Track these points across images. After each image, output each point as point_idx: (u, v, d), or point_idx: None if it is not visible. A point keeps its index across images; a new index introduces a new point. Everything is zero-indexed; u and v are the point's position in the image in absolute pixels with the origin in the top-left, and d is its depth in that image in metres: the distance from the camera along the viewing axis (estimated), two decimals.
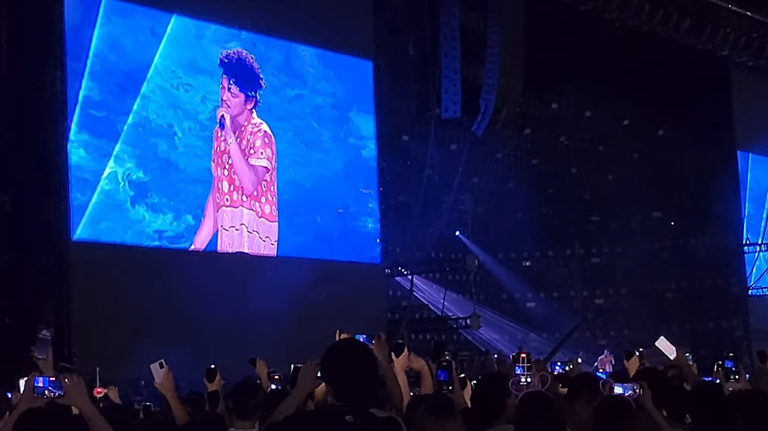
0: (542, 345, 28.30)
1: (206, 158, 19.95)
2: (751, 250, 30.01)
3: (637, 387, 6.51)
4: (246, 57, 20.69)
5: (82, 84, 18.11)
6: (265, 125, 20.82)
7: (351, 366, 5.15)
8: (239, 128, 20.48)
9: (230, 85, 20.44)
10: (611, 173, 30.08)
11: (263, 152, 20.75)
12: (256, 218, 20.55)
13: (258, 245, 20.55)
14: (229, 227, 20.09)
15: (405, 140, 25.02)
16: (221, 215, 20.04)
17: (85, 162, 18.13)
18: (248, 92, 20.69)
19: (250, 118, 20.67)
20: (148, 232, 19.00)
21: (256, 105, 20.77)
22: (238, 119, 20.47)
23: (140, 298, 17.77)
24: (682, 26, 26.06)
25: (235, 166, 20.33)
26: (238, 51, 20.60)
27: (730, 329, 29.58)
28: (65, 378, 5.39)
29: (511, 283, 29.74)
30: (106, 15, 18.49)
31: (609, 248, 30.57)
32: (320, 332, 9.15)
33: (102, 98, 18.43)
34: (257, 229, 20.56)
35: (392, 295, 25.16)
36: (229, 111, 20.35)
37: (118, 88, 18.68)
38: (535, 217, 29.50)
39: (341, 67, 22.38)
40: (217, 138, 20.14)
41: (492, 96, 22.59)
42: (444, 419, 5.34)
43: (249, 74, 20.74)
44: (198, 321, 17.84)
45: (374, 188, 22.95)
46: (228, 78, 20.41)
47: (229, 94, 20.42)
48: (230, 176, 20.26)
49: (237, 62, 20.55)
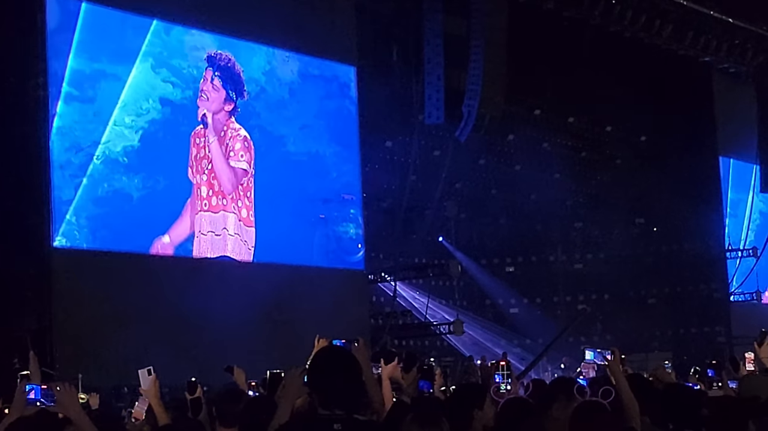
0: (525, 350, 28.34)
1: (184, 162, 19.82)
2: (733, 256, 30.10)
3: (608, 353, 6.58)
4: (234, 62, 20.65)
5: (62, 90, 18.05)
6: (243, 131, 20.75)
7: (337, 372, 5.16)
8: (219, 130, 20.39)
9: (213, 77, 20.34)
10: (594, 179, 30.17)
11: (243, 155, 20.69)
12: (237, 221, 20.48)
13: (240, 248, 20.47)
14: (207, 232, 19.96)
15: (388, 145, 25.02)
16: (199, 219, 19.92)
17: (67, 167, 18.07)
18: (229, 92, 20.60)
19: (230, 122, 20.58)
20: (131, 238, 18.93)
21: (234, 111, 20.68)
22: (217, 118, 20.34)
23: (123, 305, 17.71)
24: (664, 32, 26.15)
25: (216, 167, 20.24)
26: (228, 55, 20.55)
27: (712, 335, 29.65)
28: (56, 387, 5.36)
29: (494, 289, 29.77)
30: (85, 19, 18.41)
31: (592, 254, 30.65)
32: (303, 338, 9.11)
33: (81, 105, 18.34)
34: (239, 232, 20.48)
35: (375, 301, 25.15)
36: (207, 105, 20.19)
37: (97, 93, 18.57)
38: (519, 223, 29.57)
39: (324, 72, 22.36)
40: (196, 141, 20.00)
41: (475, 102, 22.58)
42: (429, 428, 5.34)
43: (234, 77, 20.66)
44: (180, 328, 17.79)
45: (357, 194, 22.92)
46: (213, 71, 20.33)
47: (210, 86, 20.27)
48: (209, 180, 20.13)
49: (225, 61, 20.48)
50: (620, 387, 6.73)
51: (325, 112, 22.27)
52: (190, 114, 20.03)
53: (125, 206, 18.82)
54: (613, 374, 6.91)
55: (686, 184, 29.24)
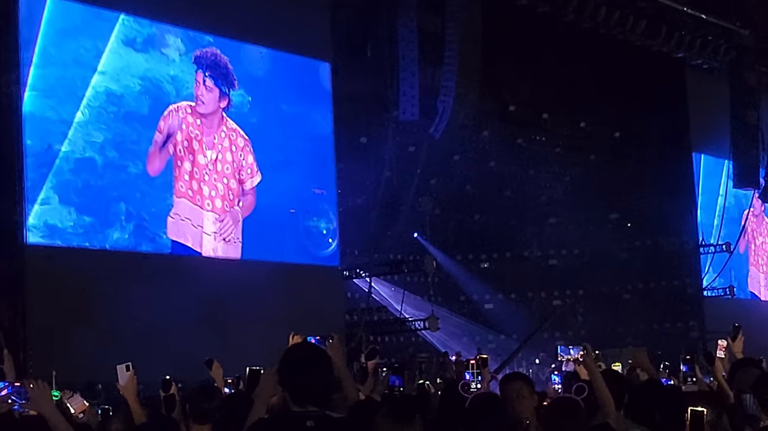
0: (500, 346, 28.41)
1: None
2: (707, 251, 30.25)
3: (579, 349, 6.59)
4: (221, 57, 20.57)
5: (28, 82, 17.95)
6: (241, 132, 20.74)
7: (307, 369, 5.15)
8: (215, 130, 20.32)
9: (206, 77, 20.29)
10: (568, 175, 30.24)
11: (253, 170, 20.78)
12: (216, 220, 20.41)
13: (218, 246, 20.40)
14: (185, 219, 19.79)
15: (363, 141, 24.99)
16: (180, 203, 19.80)
17: (41, 164, 17.98)
18: (222, 88, 20.55)
19: (226, 122, 20.54)
20: (103, 234, 18.85)
21: (228, 106, 20.63)
22: (213, 117, 20.28)
23: (96, 301, 17.61)
24: (638, 28, 26.23)
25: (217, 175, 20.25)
26: (213, 50, 20.46)
27: (686, 330, 29.78)
28: (30, 384, 5.34)
29: (469, 284, 29.80)
30: (51, 13, 18.28)
31: (566, 250, 30.71)
32: (278, 335, 9.10)
33: (50, 101, 18.23)
34: (217, 230, 20.39)
35: (351, 297, 25.14)
36: (203, 109, 20.17)
37: (64, 91, 18.47)
38: (493, 219, 29.63)
39: (298, 69, 22.31)
40: (183, 128, 19.88)
41: (450, 98, 22.60)
42: (402, 424, 5.33)
43: (224, 71, 20.60)
44: (154, 324, 17.69)
45: (332, 190, 22.90)
46: (203, 72, 20.27)
47: (204, 88, 20.24)
48: (192, 170, 19.99)
49: (212, 57, 20.40)
50: (595, 383, 6.74)
51: (299, 108, 22.22)
52: (165, 96, 19.89)
53: (99, 201, 18.74)
54: (588, 370, 6.92)
55: (660, 179, 29.39)
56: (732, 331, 9.19)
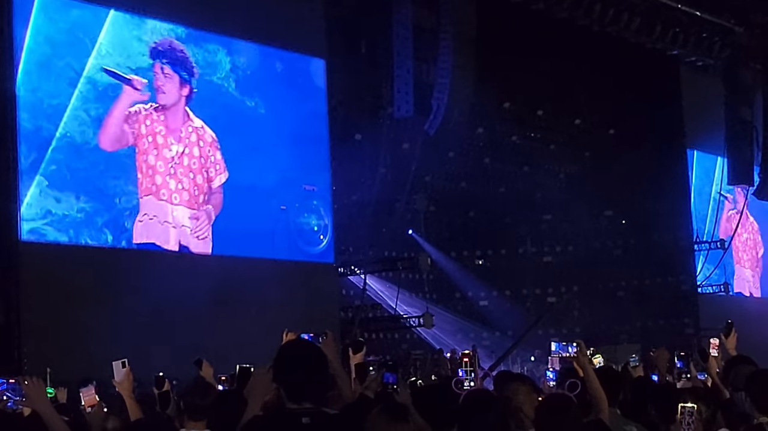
0: (495, 343, 28.42)
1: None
2: (701, 248, 30.26)
3: (573, 346, 6.61)
4: (176, 44, 20.37)
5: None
6: (208, 129, 20.61)
7: (302, 366, 5.15)
8: (179, 123, 20.19)
9: (163, 65, 20.17)
10: (563, 172, 30.26)
11: (220, 167, 20.63)
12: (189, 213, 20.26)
13: (193, 241, 20.25)
14: (153, 217, 19.64)
15: (358, 138, 24.96)
16: (147, 202, 19.58)
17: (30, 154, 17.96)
18: (182, 74, 20.42)
19: (189, 120, 20.41)
20: (95, 230, 18.81)
21: (191, 95, 20.45)
22: (176, 108, 20.16)
23: (91, 298, 17.61)
24: (632, 26, 26.22)
25: (183, 171, 20.14)
26: (168, 39, 20.27)
27: (680, 327, 29.80)
28: (24, 381, 5.34)
29: (463, 282, 29.82)
30: (40, 9, 18.24)
31: (561, 247, 30.74)
32: (272, 332, 9.08)
33: (37, 96, 18.18)
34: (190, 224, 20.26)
35: (345, 294, 25.11)
36: (165, 100, 20.06)
37: (53, 83, 18.43)
38: (488, 216, 29.64)
39: (293, 65, 22.29)
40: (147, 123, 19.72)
41: (444, 95, 22.58)
42: (396, 422, 5.33)
43: (181, 58, 20.41)
44: (147, 321, 17.69)
45: (327, 188, 22.88)
46: (160, 62, 20.13)
47: (163, 76, 20.07)
48: (156, 165, 19.80)
49: (168, 46, 20.23)
50: (588, 379, 6.74)
51: (293, 105, 22.19)
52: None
53: (91, 198, 18.72)
54: (581, 367, 6.91)
55: (655, 176, 29.38)
56: (725, 328, 9.20)
